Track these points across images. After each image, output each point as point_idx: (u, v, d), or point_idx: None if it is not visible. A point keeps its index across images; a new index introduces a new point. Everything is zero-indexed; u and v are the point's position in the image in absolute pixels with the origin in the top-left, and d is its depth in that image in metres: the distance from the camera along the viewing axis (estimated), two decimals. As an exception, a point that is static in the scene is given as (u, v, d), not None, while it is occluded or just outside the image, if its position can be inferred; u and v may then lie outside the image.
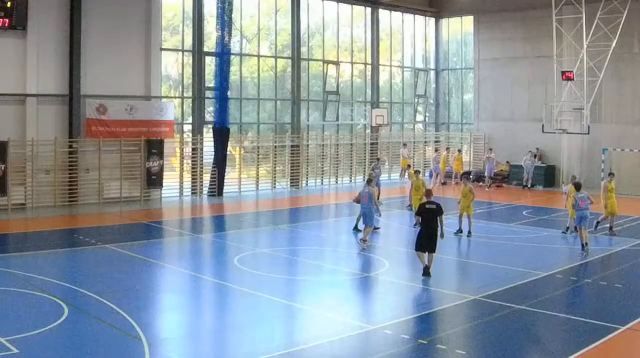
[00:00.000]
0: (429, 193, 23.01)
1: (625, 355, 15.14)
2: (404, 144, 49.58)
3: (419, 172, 34.56)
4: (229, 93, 39.79)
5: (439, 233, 21.20)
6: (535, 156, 45.64)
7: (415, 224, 24.17)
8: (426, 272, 20.99)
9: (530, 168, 45.03)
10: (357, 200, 26.66)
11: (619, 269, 23.60)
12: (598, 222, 28.57)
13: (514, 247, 26.48)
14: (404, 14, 52.09)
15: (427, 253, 21.17)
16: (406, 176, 37.99)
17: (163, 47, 38.91)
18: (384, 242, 27.02)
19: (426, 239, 21.11)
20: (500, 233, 29.23)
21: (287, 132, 45.08)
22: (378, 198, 29.62)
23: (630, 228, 28.31)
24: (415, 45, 53.78)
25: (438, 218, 21.14)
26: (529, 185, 45.00)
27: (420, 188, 29.77)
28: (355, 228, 28.34)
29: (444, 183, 46.64)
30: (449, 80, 55.22)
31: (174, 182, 39.22)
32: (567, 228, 28.46)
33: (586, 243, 25.17)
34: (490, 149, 47.07)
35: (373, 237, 26.62)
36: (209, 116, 40.29)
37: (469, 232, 27.96)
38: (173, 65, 41.47)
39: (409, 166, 40.56)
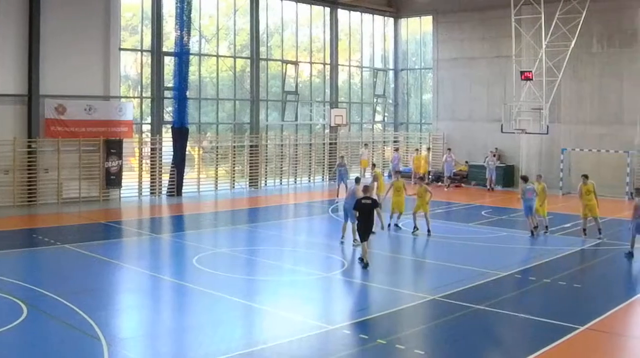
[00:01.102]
0: (365, 189, 24.05)
1: (585, 355, 15.21)
2: (365, 144, 49.68)
3: (399, 172, 34.03)
4: (188, 93, 39.67)
5: (373, 226, 24.04)
6: (494, 156, 45.64)
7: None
8: (365, 264, 22.46)
9: (492, 168, 44.81)
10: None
11: (577, 269, 23.88)
12: (584, 229, 28.24)
13: (473, 247, 26.61)
14: (363, 13, 52.21)
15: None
16: (367, 175, 37.75)
17: (122, 47, 38.69)
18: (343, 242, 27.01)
19: (364, 230, 22.86)
20: (458, 233, 29.38)
21: (246, 132, 45.04)
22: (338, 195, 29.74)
23: (589, 229, 28.43)
24: (374, 45, 53.93)
25: (375, 211, 23.95)
26: (492, 186, 44.61)
27: (401, 189, 29.69)
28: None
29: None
30: (407, 80, 55.34)
31: (133, 182, 39.04)
32: (546, 226, 28.68)
33: (535, 227, 28.22)
34: (449, 149, 47.14)
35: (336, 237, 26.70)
36: (168, 116, 40.13)
37: (428, 231, 28.13)
38: (132, 65, 41.26)
39: (374, 166, 40.16)
